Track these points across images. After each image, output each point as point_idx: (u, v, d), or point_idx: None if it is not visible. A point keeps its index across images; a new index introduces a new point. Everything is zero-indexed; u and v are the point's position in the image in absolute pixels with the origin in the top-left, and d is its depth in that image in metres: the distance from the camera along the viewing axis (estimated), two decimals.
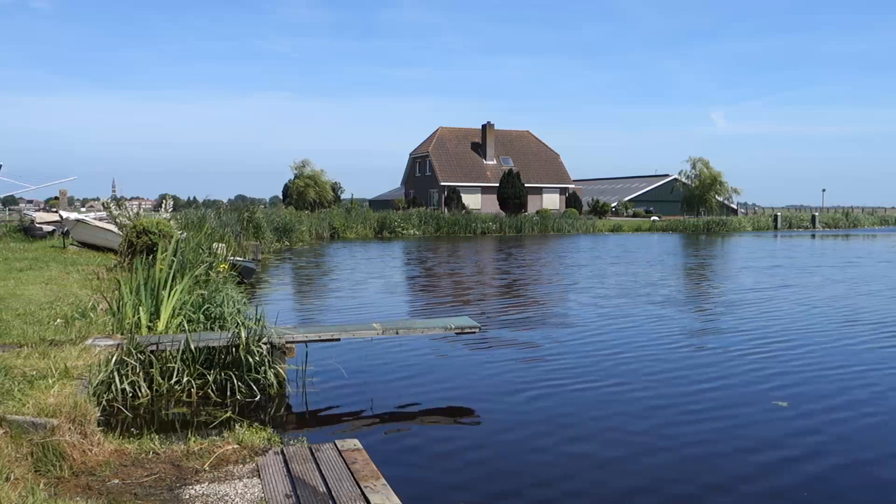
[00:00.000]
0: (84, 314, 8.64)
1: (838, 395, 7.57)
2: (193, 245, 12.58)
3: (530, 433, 6.43)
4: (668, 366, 8.86)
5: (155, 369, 7.18)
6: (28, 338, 7.22)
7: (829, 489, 5.26)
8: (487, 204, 59.32)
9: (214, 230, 19.76)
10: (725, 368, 8.76)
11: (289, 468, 4.71)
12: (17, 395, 5.18)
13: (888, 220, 71.80)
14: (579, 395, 7.61)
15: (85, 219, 19.16)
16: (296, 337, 7.80)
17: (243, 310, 9.35)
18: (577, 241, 40.09)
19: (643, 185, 79.90)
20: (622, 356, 9.37)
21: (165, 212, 17.47)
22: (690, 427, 6.55)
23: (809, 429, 6.51)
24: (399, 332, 8.34)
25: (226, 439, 5.32)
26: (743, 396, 7.55)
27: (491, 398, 7.53)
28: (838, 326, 11.69)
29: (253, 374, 7.36)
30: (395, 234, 43.74)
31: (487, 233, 47.22)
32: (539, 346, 10.07)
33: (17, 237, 21.18)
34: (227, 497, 4.28)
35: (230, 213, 28.54)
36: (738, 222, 57.51)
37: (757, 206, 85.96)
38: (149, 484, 4.48)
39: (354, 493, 4.25)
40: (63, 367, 6.01)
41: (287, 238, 34.95)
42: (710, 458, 5.84)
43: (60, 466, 4.57)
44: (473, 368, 8.87)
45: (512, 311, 13.59)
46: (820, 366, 8.88)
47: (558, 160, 67.24)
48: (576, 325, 11.75)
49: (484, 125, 64.42)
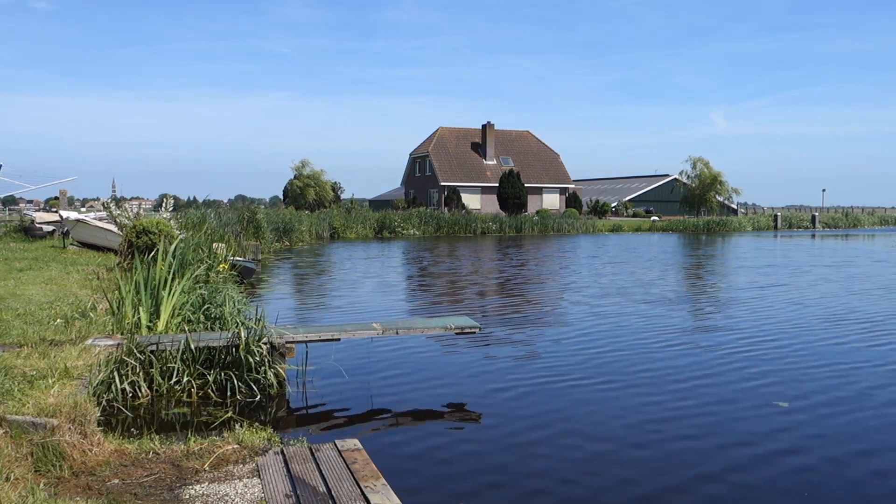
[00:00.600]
0: (84, 314, 8.64)
1: (825, 393, 7.60)
2: (193, 245, 12.58)
3: (530, 433, 6.44)
4: (666, 364, 8.86)
5: (155, 369, 7.17)
6: (28, 338, 7.22)
7: (815, 482, 5.27)
8: (487, 204, 59.32)
9: (214, 230, 19.77)
10: (718, 366, 8.77)
11: (289, 468, 4.71)
12: (17, 395, 5.18)
13: (888, 219, 71.80)
14: (579, 394, 7.61)
15: (85, 219, 19.16)
16: (296, 337, 7.80)
17: (243, 310, 9.35)
18: (576, 241, 40.09)
19: (643, 185, 79.91)
20: (622, 355, 9.37)
21: (165, 211, 17.47)
22: (688, 422, 6.56)
23: (800, 423, 6.52)
24: (399, 332, 8.35)
25: (226, 439, 5.32)
26: (735, 393, 7.60)
27: (491, 398, 7.53)
28: (826, 325, 11.70)
29: (253, 374, 7.36)
30: (395, 234, 43.73)
31: (487, 233, 47.22)
32: (539, 346, 10.07)
33: (18, 237, 21.19)
34: (227, 497, 4.28)
35: (230, 213, 28.54)
36: (738, 222, 57.51)
37: (757, 206, 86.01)
38: (149, 484, 4.48)
39: (354, 493, 4.25)
40: (63, 367, 6.01)
41: (287, 238, 34.96)
42: (705, 451, 5.85)
43: (60, 466, 4.57)
44: (473, 368, 8.87)
45: (512, 311, 13.60)
46: (810, 364, 8.90)
47: (558, 160, 67.24)
48: (575, 324, 11.75)
49: (484, 125, 64.41)
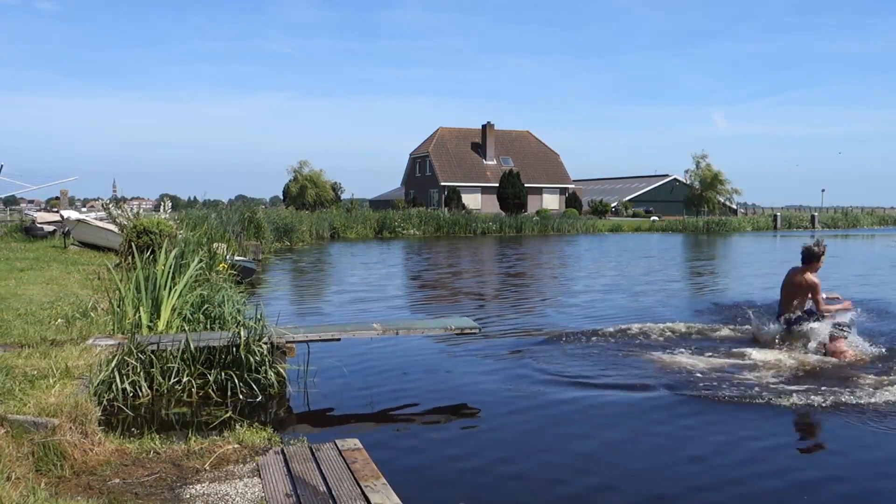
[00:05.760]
0: (85, 314, 8.66)
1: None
2: (194, 245, 12.60)
3: (531, 433, 6.45)
4: (664, 362, 8.86)
5: (155, 369, 7.18)
6: (29, 338, 7.23)
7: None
8: (487, 204, 59.34)
9: (215, 230, 19.79)
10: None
11: (289, 468, 4.72)
12: (18, 395, 5.20)
13: (887, 219, 71.78)
14: (580, 394, 7.61)
15: (86, 219, 19.19)
16: (296, 337, 7.81)
17: (243, 310, 9.36)
18: (576, 241, 40.10)
19: (643, 185, 79.93)
20: (622, 354, 9.37)
21: (164, 212, 17.50)
22: (694, 424, 6.57)
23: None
24: (399, 332, 8.36)
25: (226, 439, 5.34)
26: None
27: (491, 398, 7.54)
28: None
29: (253, 374, 7.36)
30: (395, 234, 43.72)
31: (487, 233, 47.20)
32: (539, 346, 10.07)
33: (18, 237, 21.21)
34: (228, 496, 4.29)
35: (231, 213, 28.55)
36: (738, 222, 57.48)
37: (757, 206, 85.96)
38: (149, 483, 4.49)
39: (354, 493, 4.27)
40: (64, 367, 6.03)
41: (287, 238, 34.94)
42: (710, 448, 5.87)
43: (61, 466, 4.59)
44: (473, 369, 8.88)
45: (512, 312, 13.60)
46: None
47: (558, 160, 67.26)
48: (576, 324, 11.75)
49: (484, 125, 64.44)
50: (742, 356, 9.02)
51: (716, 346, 9.83)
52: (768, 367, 8.55)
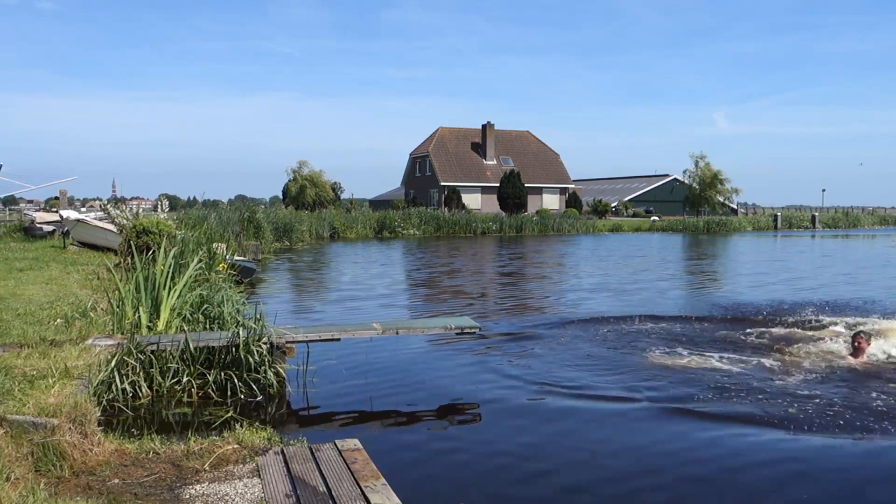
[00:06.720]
0: (84, 314, 8.65)
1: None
2: (193, 245, 12.59)
3: (530, 433, 6.44)
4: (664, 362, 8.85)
5: (155, 369, 7.17)
6: (28, 338, 7.22)
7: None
8: (487, 204, 59.32)
9: (215, 230, 19.78)
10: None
11: (289, 468, 4.71)
12: (17, 395, 5.19)
13: (888, 219, 71.78)
14: (580, 393, 7.60)
15: (85, 219, 19.18)
16: (296, 337, 7.80)
17: (243, 309, 9.35)
18: (576, 241, 40.09)
19: (643, 185, 79.93)
20: (622, 354, 9.37)
21: (162, 212, 17.49)
22: (695, 425, 6.56)
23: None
24: (399, 332, 8.35)
25: (226, 439, 5.33)
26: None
27: (491, 398, 7.53)
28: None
29: (253, 374, 7.35)
30: (395, 234, 43.72)
31: (487, 233, 47.19)
32: (539, 346, 10.06)
33: (18, 237, 21.19)
34: (228, 497, 4.28)
35: (230, 213, 28.54)
36: (738, 222, 57.46)
37: (757, 206, 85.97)
38: (149, 484, 4.48)
39: (354, 493, 4.26)
40: (63, 367, 6.02)
41: (287, 238, 34.95)
42: (708, 448, 5.86)
43: (61, 466, 4.58)
44: (473, 368, 8.87)
45: (512, 311, 13.60)
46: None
47: (558, 160, 67.23)
48: (576, 324, 11.74)
49: (484, 125, 64.40)
50: (743, 361, 9.02)
51: (716, 346, 9.82)
52: (769, 370, 8.54)
